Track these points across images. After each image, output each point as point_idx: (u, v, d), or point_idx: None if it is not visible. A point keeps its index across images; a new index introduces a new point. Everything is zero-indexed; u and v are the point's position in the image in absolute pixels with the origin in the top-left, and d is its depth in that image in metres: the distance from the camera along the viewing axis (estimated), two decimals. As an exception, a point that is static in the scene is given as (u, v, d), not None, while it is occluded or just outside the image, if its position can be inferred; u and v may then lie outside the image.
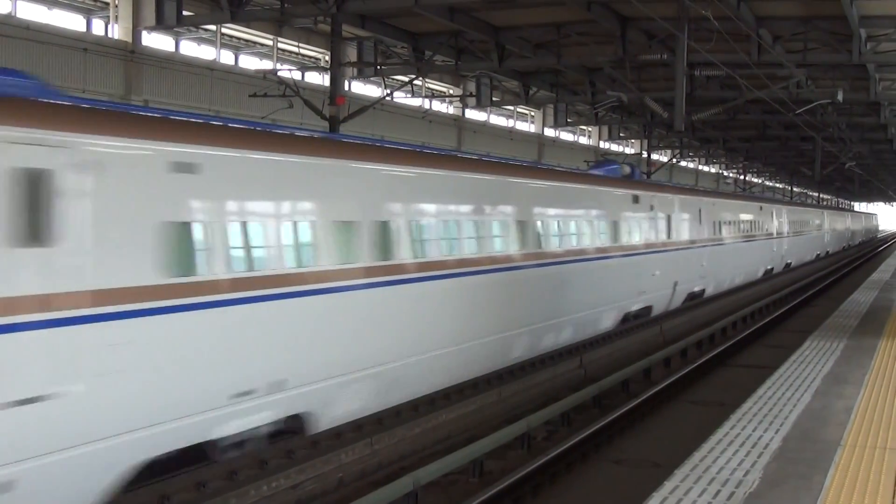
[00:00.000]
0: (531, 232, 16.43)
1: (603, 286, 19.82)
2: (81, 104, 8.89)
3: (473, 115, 41.04)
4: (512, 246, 15.71)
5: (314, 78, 31.35)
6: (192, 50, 28.13)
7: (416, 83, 35.38)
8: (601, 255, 19.65)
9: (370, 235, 11.82)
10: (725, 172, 72.72)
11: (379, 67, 29.29)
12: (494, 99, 36.00)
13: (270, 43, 30.41)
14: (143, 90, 24.62)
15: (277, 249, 10.32)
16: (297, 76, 28.02)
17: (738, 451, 7.73)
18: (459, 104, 39.29)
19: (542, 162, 39.31)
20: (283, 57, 31.11)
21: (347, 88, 31.66)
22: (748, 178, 70.12)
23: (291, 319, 10.46)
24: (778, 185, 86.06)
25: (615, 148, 53.93)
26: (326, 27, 25.84)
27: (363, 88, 34.18)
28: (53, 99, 8.51)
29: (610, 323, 20.70)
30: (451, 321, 13.83)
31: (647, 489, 7.12)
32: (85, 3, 24.90)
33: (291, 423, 10.74)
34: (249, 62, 30.45)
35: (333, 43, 22.73)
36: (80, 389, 8.00)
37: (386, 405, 12.54)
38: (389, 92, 28.20)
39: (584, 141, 52.59)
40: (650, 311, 23.12)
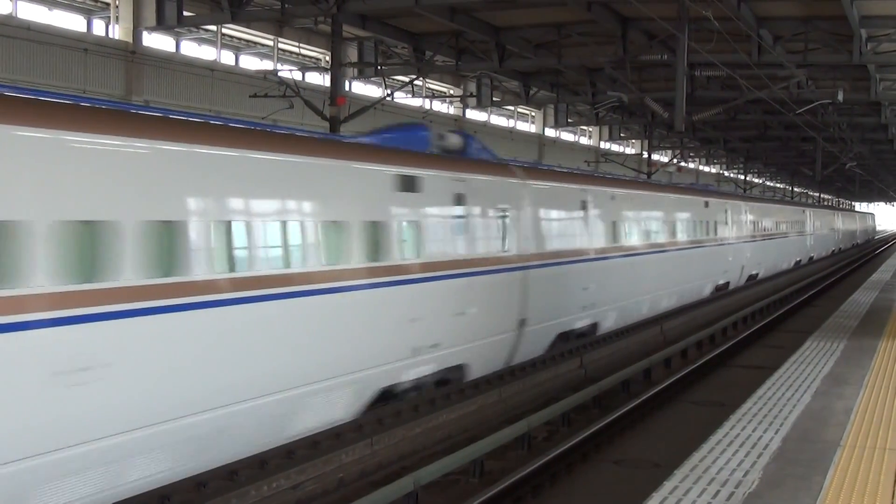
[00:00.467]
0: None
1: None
2: None
3: (474, 115, 41.07)
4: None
5: (315, 78, 31.37)
6: (192, 50, 28.16)
7: (416, 83, 35.41)
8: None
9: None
10: (726, 172, 72.75)
11: (379, 68, 29.33)
12: (495, 99, 36.06)
13: (271, 43, 30.43)
14: (143, 90, 24.64)
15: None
16: (297, 76, 28.04)
17: (737, 451, 7.74)
18: (460, 104, 39.33)
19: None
20: (283, 57, 31.13)
21: (348, 89, 31.69)
22: (749, 178, 70.02)
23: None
24: (779, 185, 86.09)
25: (616, 148, 53.96)
26: (327, 27, 25.86)
27: (364, 89, 34.19)
28: None
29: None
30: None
31: (647, 489, 7.12)
32: (85, 3, 24.92)
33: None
34: (250, 62, 30.47)
35: (334, 43, 22.75)
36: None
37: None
38: (390, 92, 28.22)
39: (584, 141, 52.62)
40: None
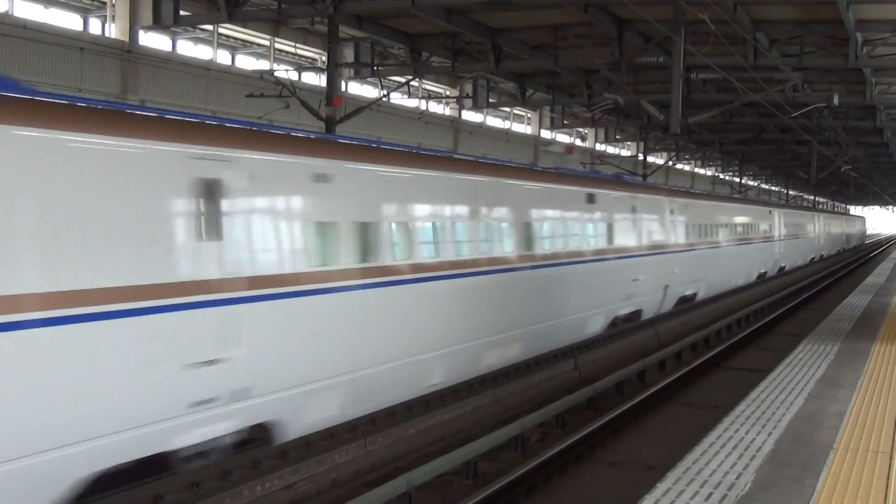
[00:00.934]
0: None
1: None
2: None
3: (470, 116, 41.08)
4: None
5: (311, 78, 31.36)
6: (188, 50, 28.13)
7: (412, 84, 35.40)
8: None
9: None
10: (721, 175, 72.83)
11: (376, 68, 29.32)
12: (491, 100, 36.04)
13: (267, 43, 30.43)
14: (139, 90, 24.63)
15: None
16: (293, 77, 28.03)
17: (730, 453, 7.75)
18: (456, 105, 39.33)
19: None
20: (279, 57, 31.12)
21: (344, 89, 31.69)
22: (744, 180, 69.99)
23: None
24: (774, 188, 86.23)
25: (611, 150, 53.98)
26: (323, 28, 25.87)
27: (360, 89, 34.19)
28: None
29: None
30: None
31: (640, 491, 7.13)
32: (82, 2, 24.88)
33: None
34: (246, 62, 30.45)
35: (330, 44, 22.74)
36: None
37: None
38: (386, 93, 28.19)
39: (580, 143, 52.63)
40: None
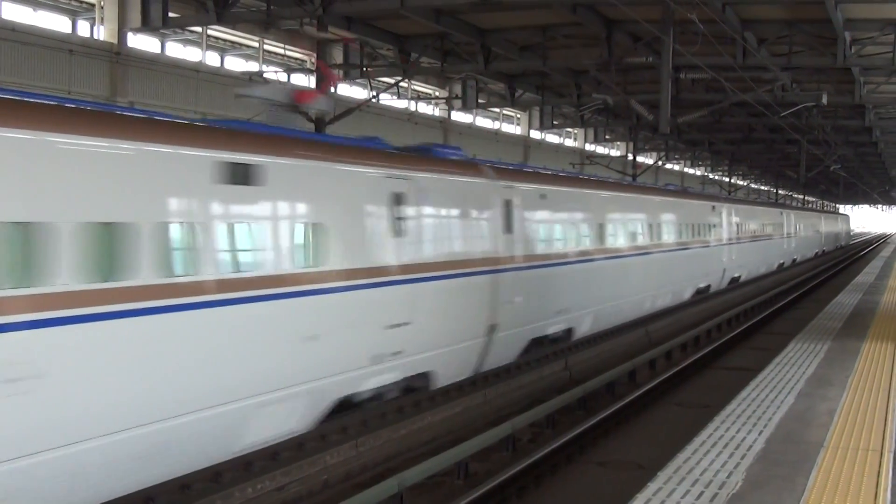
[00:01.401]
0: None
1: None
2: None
3: (459, 116, 41.09)
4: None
5: (300, 80, 31.34)
6: (177, 51, 28.08)
7: (402, 85, 35.39)
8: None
9: None
10: (711, 175, 73.00)
11: (365, 69, 29.30)
12: (480, 101, 36.03)
13: (256, 45, 30.39)
14: (128, 92, 24.56)
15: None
16: (283, 78, 28.00)
17: (721, 452, 7.76)
18: (445, 106, 39.34)
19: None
20: (268, 59, 31.08)
21: (333, 90, 31.66)
22: (734, 180, 70.14)
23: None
24: (763, 187, 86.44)
25: (601, 150, 54.07)
26: (313, 29, 25.83)
27: (349, 90, 34.17)
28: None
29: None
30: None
31: (631, 491, 7.14)
32: (70, 4, 24.82)
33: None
34: (235, 64, 30.40)
35: (319, 45, 22.71)
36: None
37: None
38: (375, 94, 28.19)
39: (569, 143, 52.71)
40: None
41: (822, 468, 7.35)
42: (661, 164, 51.68)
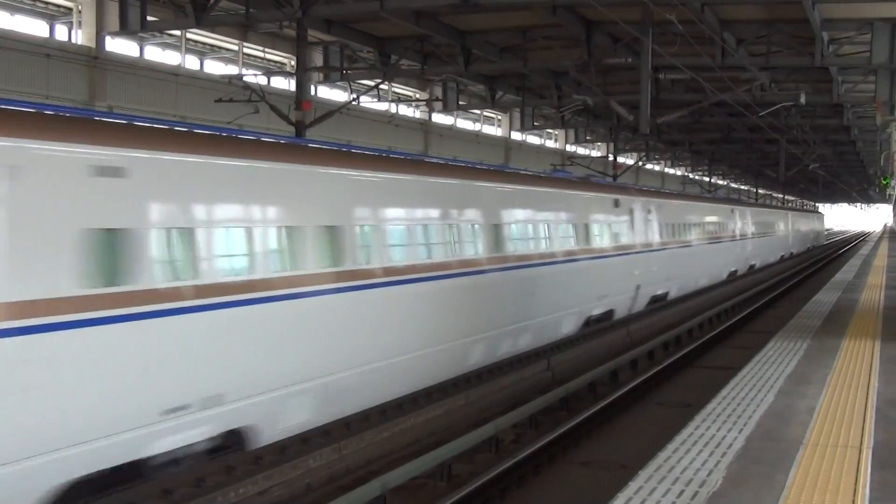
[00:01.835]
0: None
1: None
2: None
3: (440, 119, 41.12)
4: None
5: (280, 83, 31.29)
6: (156, 55, 27.99)
7: (382, 87, 35.39)
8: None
9: None
10: (691, 175, 73.29)
11: (345, 72, 29.26)
12: (461, 103, 36.07)
13: (236, 48, 30.31)
14: (107, 96, 24.46)
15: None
16: (262, 81, 27.94)
17: (702, 451, 7.79)
18: (426, 108, 39.35)
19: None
20: (248, 62, 31.01)
21: (313, 93, 31.62)
22: (714, 180, 70.39)
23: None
24: (743, 186, 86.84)
25: (581, 151, 54.21)
26: (292, 32, 25.78)
27: (329, 93, 34.13)
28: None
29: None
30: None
31: (613, 490, 7.17)
32: (48, 8, 24.71)
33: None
34: (215, 67, 30.31)
35: (299, 48, 22.69)
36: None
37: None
38: (356, 96, 28.16)
39: (550, 144, 52.82)
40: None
41: (801, 465, 7.39)
42: (641, 164, 51.79)
